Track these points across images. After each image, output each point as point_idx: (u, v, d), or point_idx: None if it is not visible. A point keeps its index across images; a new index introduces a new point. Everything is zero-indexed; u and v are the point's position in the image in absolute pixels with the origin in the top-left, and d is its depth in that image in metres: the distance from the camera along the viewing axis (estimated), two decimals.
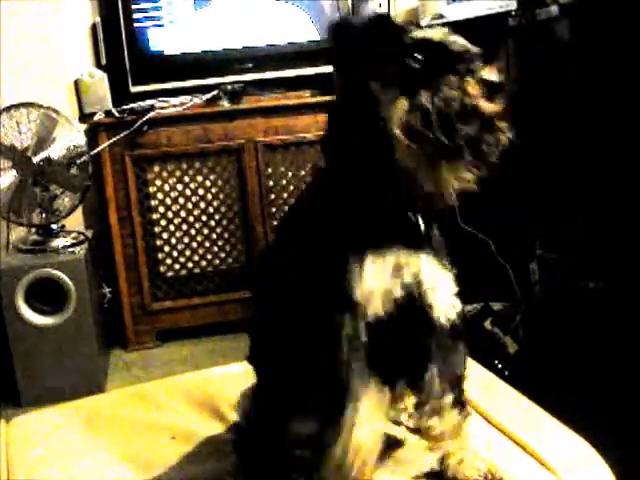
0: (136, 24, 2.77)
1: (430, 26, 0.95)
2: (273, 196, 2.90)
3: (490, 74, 0.86)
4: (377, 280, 0.90)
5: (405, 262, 0.91)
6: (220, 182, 2.87)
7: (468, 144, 0.86)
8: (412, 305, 0.92)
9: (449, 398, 1.00)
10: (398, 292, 0.90)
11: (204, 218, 2.89)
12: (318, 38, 2.85)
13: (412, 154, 0.86)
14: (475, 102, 0.85)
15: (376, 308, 0.89)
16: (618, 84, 2.16)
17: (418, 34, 0.89)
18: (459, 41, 0.89)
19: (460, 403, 1.02)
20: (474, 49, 0.88)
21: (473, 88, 0.85)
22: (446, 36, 0.89)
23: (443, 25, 0.92)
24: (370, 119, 0.87)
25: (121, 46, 2.77)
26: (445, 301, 0.95)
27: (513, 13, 2.47)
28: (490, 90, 0.86)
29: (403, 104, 0.85)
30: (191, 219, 2.88)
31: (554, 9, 2.31)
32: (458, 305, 0.97)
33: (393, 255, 0.91)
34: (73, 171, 2.59)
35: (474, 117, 0.85)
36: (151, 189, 2.84)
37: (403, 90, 0.86)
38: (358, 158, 0.91)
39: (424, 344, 0.96)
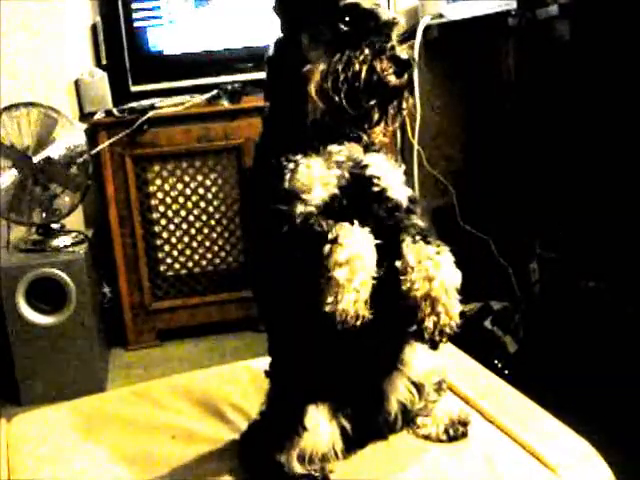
0: (136, 24, 2.76)
1: (429, 26, 1.00)
2: None
3: (402, 52, 0.97)
4: (313, 171, 1.00)
5: (337, 151, 1.02)
6: (220, 181, 2.86)
7: (372, 111, 0.99)
8: (363, 187, 1.02)
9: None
10: (340, 178, 1.00)
11: (204, 217, 2.89)
12: None
13: (323, 111, 0.98)
14: (383, 76, 0.96)
15: (319, 193, 0.99)
16: (618, 84, 2.17)
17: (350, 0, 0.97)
18: (387, 10, 0.99)
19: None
20: (401, 20, 1.00)
21: (382, 64, 0.95)
22: (376, 5, 0.98)
23: (443, 24, 0.96)
24: (296, 74, 0.99)
25: (121, 46, 2.77)
26: (397, 184, 1.05)
27: (513, 13, 2.47)
28: (399, 66, 0.96)
29: (322, 67, 0.97)
30: (191, 218, 2.88)
31: (554, 9, 2.31)
32: (409, 190, 1.07)
33: (325, 151, 1.02)
34: (73, 170, 2.59)
35: (380, 90, 0.97)
36: (151, 188, 2.84)
37: (328, 50, 0.97)
38: (285, 99, 1.04)
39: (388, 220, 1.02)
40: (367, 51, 0.95)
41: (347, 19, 0.97)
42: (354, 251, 0.91)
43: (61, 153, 2.56)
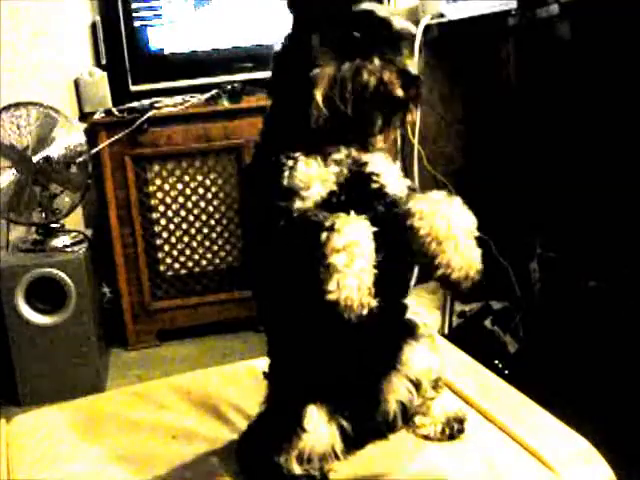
0: (136, 23, 2.76)
1: (429, 25, 0.99)
2: None
3: (411, 66, 0.96)
4: (312, 168, 1.00)
5: (336, 150, 1.01)
6: (220, 181, 2.87)
7: (375, 121, 0.99)
8: (362, 183, 1.02)
9: None
10: (339, 175, 1.01)
11: (204, 217, 2.89)
12: None
13: (326, 117, 0.97)
14: (390, 88, 0.95)
15: (318, 190, 0.99)
16: (618, 83, 2.17)
17: (364, 6, 0.97)
18: (401, 20, 0.98)
19: None
20: (413, 30, 0.99)
21: (391, 76, 0.95)
22: (391, 13, 0.97)
23: (443, 24, 0.96)
24: (303, 75, 0.97)
25: (121, 45, 2.77)
26: (395, 181, 1.06)
27: (513, 12, 2.47)
28: (408, 80, 0.95)
29: (331, 73, 0.96)
30: (191, 218, 2.88)
31: (554, 8, 2.31)
32: (408, 181, 1.08)
33: (324, 149, 1.01)
34: (73, 170, 2.59)
35: (387, 101, 0.96)
36: (151, 188, 2.84)
37: (337, 54, 0.96)
38: (289, 97, 1.03)
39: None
40: (377, 61, 0.94)
41: (360, 26, 0.96)
42: (351, 238, 0.90)
43: (61, 153, 2.56)
